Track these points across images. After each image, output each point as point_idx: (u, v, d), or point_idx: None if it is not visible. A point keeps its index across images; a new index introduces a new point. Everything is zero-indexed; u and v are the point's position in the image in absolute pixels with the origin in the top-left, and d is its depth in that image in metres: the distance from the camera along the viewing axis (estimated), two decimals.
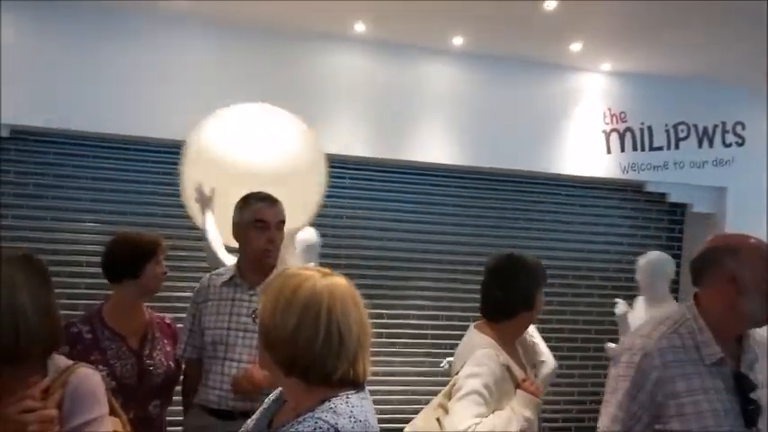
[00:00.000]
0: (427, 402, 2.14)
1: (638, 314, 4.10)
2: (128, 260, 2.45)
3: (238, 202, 2.49)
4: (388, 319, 4.79)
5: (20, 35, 4.05)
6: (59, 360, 1.55)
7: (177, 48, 4.31)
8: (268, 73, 4.43)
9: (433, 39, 4.60)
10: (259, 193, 2.49)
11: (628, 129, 5.14)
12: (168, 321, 2.67)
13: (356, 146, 4.65)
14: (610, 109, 5.12)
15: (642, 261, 4.11)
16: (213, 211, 2.98)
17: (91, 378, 1.54)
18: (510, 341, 2.22)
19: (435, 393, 2.16)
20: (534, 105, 4.94)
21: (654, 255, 4.13)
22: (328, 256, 4.72)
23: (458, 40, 4.60)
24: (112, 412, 1.62)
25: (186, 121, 3.31)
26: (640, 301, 4.20)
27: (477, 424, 1.93)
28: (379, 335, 4.69)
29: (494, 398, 2.02)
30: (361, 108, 4.66)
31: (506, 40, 4.58)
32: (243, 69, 4.37)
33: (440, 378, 4.23)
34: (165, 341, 2.56)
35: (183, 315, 2.66)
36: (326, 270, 1.46)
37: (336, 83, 4.60)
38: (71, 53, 4.13)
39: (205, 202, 2.98)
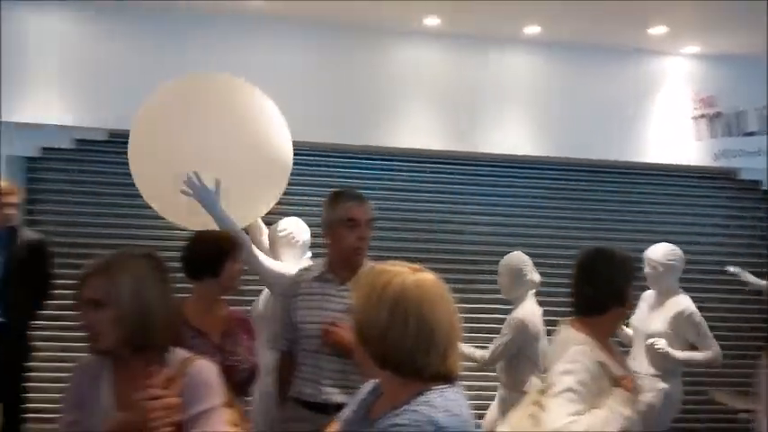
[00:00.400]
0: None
1: (643, 307, 3.90)
2: (209, 259, 2.50)
3: (328, 200, 2.54)
4: (472, 313, 4.78)
5: (111, 40, 4.29)
6: (178, 352, 1.64)
7: (253, 48, 4.41)
8: (342, 69, 4.49)
9: (507, 29, 4.55)
10: (348, 190, 2.55)
11: (717, 113, 4.91)
12: (244, 316, 2.71)
13: (434, 140, 4.65)
14: (697, 93, 4.91)
15: (650, 254, 3.90)
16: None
17: (207, 369, 1.63)
18: (603, 337, 2.16)
19: None
20: (615, 92, 4.80)
21: (662, 247, 3.91)
22: (406, 250, 4.75)
23: (533, 29, 4.53)
24: (229, 404, 1.71)
25: None
26: (646, 296, 3.97)
27: (571, 422, 1.91)
28: (467, 330, 4.65)
29: (591, 394, 1.98)
30: (437, 102, 4.66)
31: (585, 27, 4.47)
32: (316, 67, 4.45)
33: None
34: (244, 336, 2.58)
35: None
36: (415, 266, 1.46)
37: (411, 77, 4.62)
38: (164, 57, 4.31)
39: (211, 199, 2.73)
